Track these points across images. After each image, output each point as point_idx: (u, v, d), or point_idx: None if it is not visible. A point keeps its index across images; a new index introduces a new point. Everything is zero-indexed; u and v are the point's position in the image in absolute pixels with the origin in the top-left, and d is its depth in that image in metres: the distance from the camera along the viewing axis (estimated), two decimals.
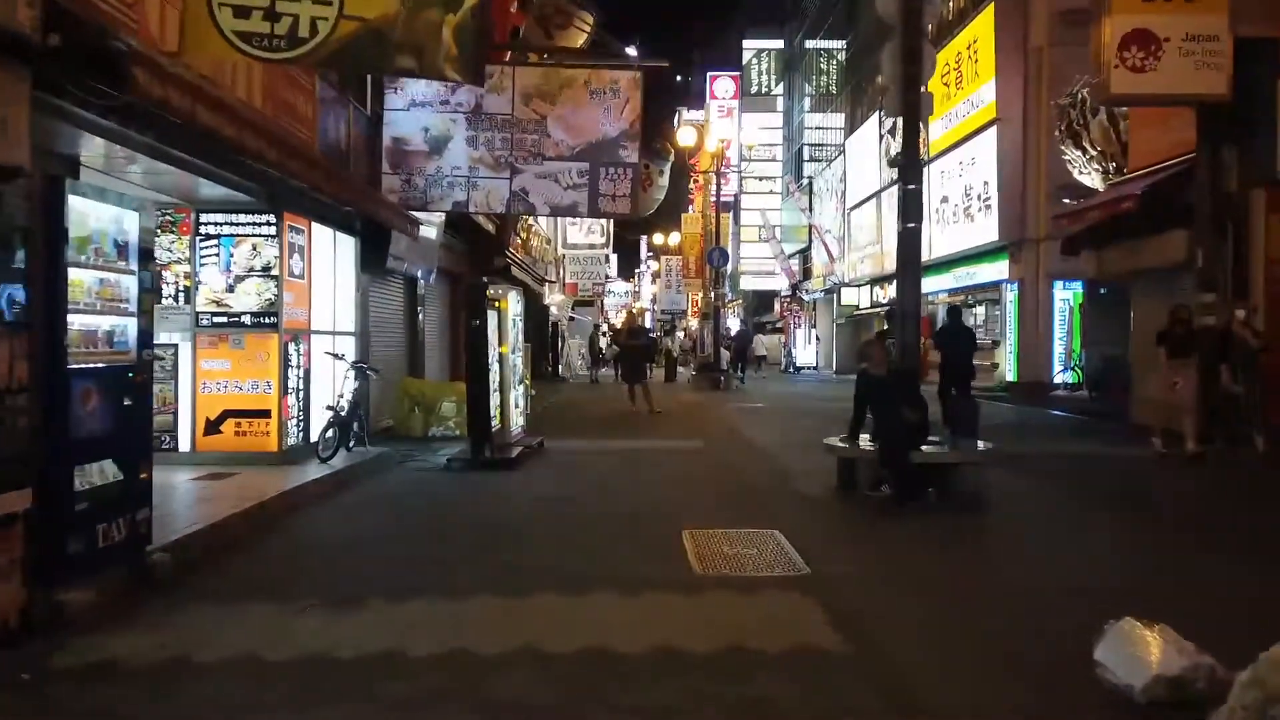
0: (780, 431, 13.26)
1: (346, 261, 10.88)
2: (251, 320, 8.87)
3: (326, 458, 9.04)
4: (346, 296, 10.89)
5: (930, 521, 6.85)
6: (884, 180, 32.10)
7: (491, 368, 9.60)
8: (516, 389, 10.66)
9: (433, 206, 11.08)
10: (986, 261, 24.20)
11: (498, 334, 9.88)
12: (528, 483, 8.58)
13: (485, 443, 9.26)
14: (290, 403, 9.09)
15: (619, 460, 10.07)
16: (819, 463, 9.14)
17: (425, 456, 10.38)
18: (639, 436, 12.31)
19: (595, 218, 11.07)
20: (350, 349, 10.96)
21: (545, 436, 11.84)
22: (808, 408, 18.50)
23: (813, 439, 11.93)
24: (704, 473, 9.45)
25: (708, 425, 14.28)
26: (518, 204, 11.04)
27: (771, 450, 11.00)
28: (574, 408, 18.14)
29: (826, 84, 53.13)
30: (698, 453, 10.84)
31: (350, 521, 6.97)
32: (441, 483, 8.71)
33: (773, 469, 9.60)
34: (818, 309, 42.28)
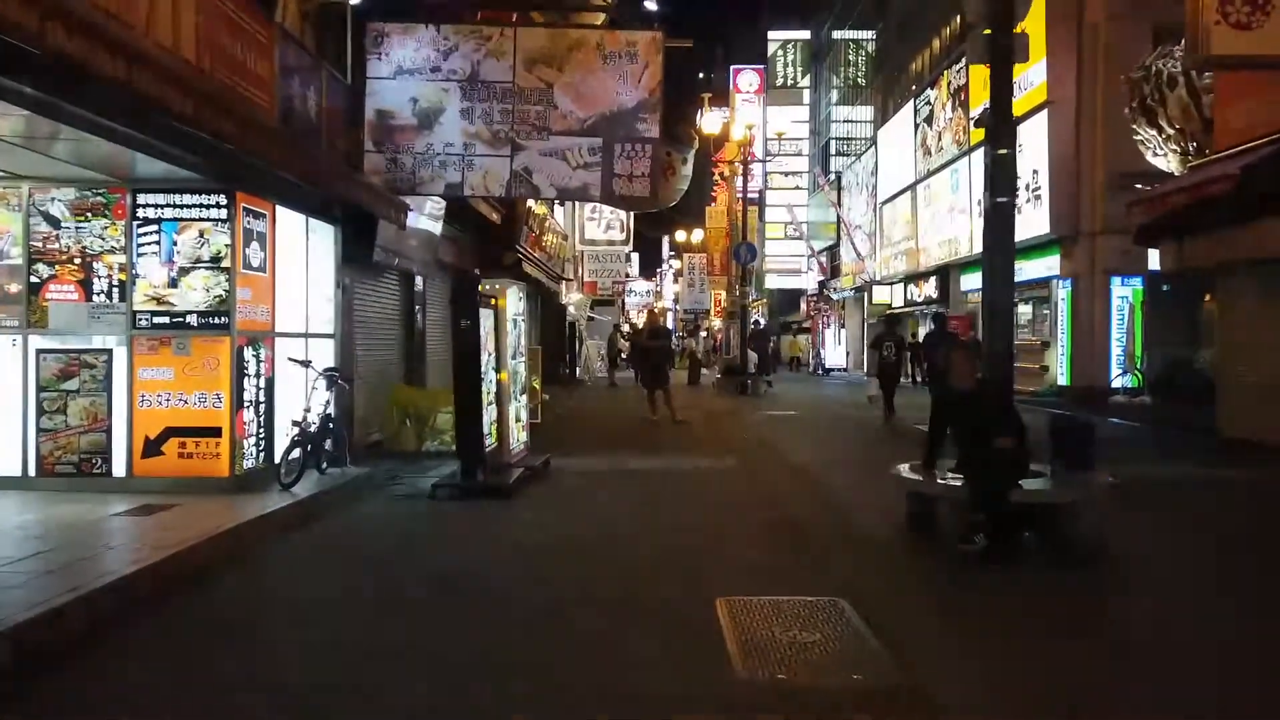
0: (821, 446, 11.71)
1: (323, 253, 9.45)
2: (199, 321, 7.46)
3: (289, 483, 7.61)
4: (323, 293, 9.46)
5: (1049, 585, 5.21)
6: (919, 172, 30.45)
7: (486, 376, 8.13)
8: (518, 400, 9.19)
9: (422, 189, 9.63)
10: (1035, 257, 22.47)
11: (494, 337, 8.41)
12: (523, 520, 7.08)
13: (477, 466, 7.80)
14: (247, 418, 7.67)
15: (635, 486, 8.57)
16: (876, 491, 7.62)
17: (413, 479, 8.92)
18: (660, 453, 10.79)
19: (609, 203, 9.52)
20: (327, 354, 9.52)
21: (554, 451, 10.37)
22: (845, 415, 16.92)
23: (860, 457, 10.47)
24: (738, 504, 7.87)
25: (737, 438, 12.74)
26: (520, 186, 9.56)
27: (815, 472, 9.46)
28: (589, 416, 16.65)
29: (855, 76, 51.40)
30: (729, 475, 9.31)
31: (284, 583, 5.45)
32: (419, 519, 7.23)
33: (821, 498, 8.06)
34: (847, 308, 40.58)
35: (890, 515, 6.73)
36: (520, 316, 9.27)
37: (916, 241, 30.86)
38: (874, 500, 7.40)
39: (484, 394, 8.03)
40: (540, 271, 21.79)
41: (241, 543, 5.98)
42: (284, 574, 5.67)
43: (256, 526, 6.36)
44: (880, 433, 13.27)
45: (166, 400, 7.43)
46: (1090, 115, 20.27)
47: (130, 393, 7.43)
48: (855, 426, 14.65)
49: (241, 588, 5.30)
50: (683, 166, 14.90)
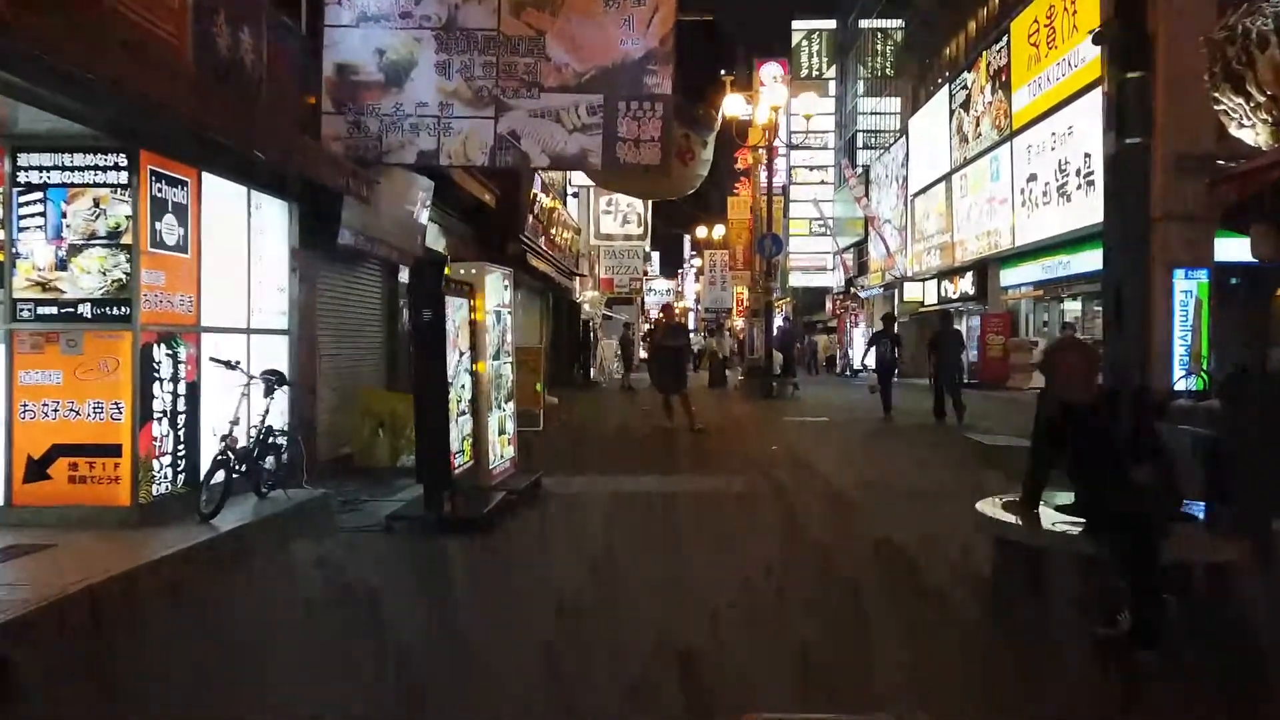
0: (862, 463, 10.08)
1: (273, 234, 7.97)
2: (93, 311, 5.98)
3: (209, 514, 6.12)
4: (273, 282, 7.98)
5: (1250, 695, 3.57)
6: (955, 161, 28.69)
7: (457, 381, 6.60)
8: (502, 408, 7.66)
9: (390, 157, 8.12)
10: (1086, 248, 20.66)
11: (468, 332, 6.88)
12: (492, 569, 5.53)
13: (443, 492, 6.25)
14: (157, 433, 6.18)
15: (641, 517, 6.98)
16: (943, 530, 6.03)
17: (375, 503, 7.42)
18: (674, 470, 9.20)
19: (611, 171, 8.01)
20: (278, 354, 8.03)
21: (551, 467, 8.85)
22: (882, 423, 15.23)
23: (914, 480, 8.63)
24: (766, 548, 6.04)
25: (764, 451, 11.11)
26: (506, 153, 8.02)
27: (861, 499, 7.80)
28: (598, 422, 15.09)
29: (882, 66, 49.69)
30: (755, 503, 7.63)
31: (126, 678, 3.91)
32: (361, 565, 5.68)
33: (872, 540, 6.34)
34: (875, 306, 38.80)
35: (968, 568, 5.15)
36: (505, 308, 7.74)
37: (952, 235, 29.09)
38: (942, 544, 5.79)
39: (454, 402, 6.49)
40: (549, 265, 20.29)
41: (96, 606, 4.46)
42: (128, 660, 4.08)
43: (128, 581, 4.84)
44: (932, 446, 11.61)
45: (54, 411, 5.96)
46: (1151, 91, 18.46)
47: (10, 402, 5.97)
48: (897, 437, 13.00)
49: (58, 685, 3.77)
50: (703, 150, 13.37)
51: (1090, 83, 19.33)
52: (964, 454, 10.64)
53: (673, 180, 13.40)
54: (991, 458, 10.36)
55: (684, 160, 13.21)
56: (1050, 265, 22.73)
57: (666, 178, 13.35)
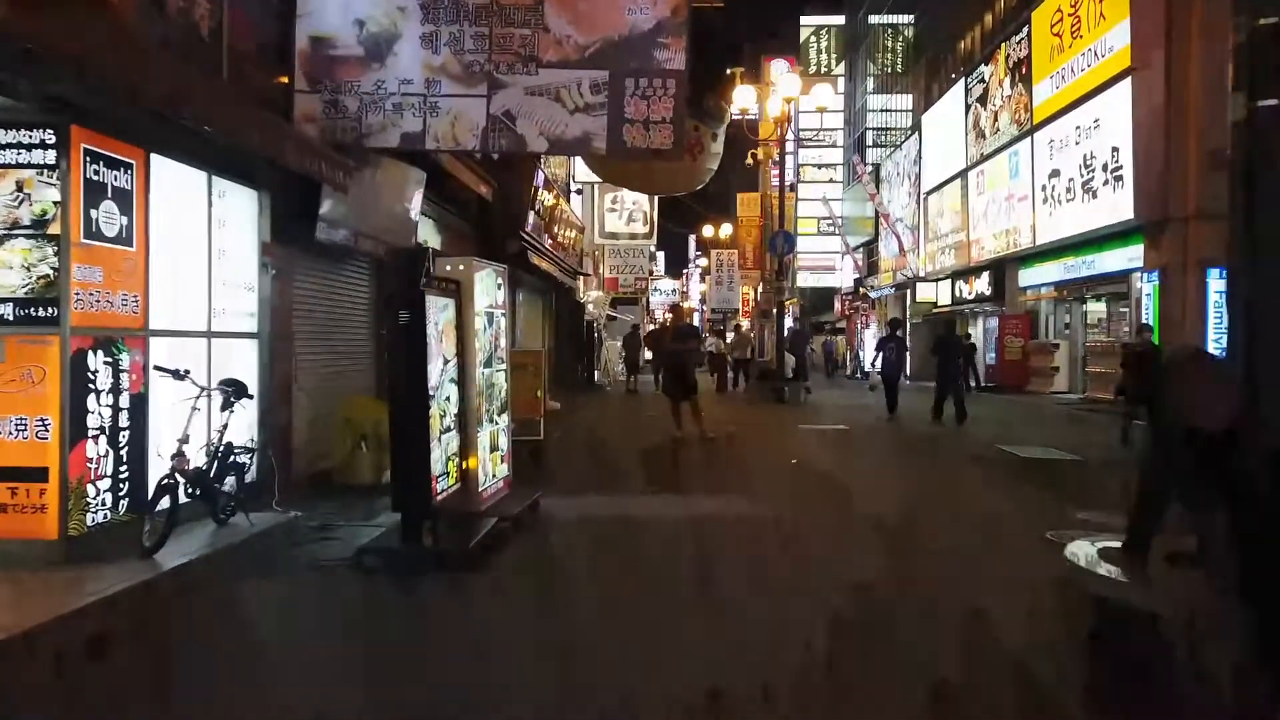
0: (894, 480, 9.19)
1: (240, 227, 7.14)
2: (15, 313, 5.15)
3: (151, 547, 5.29)
4: (240, 280, 7.15)
5: None
6: (971, 157, 27.79)
7: (440, 392, 5.75)
8: (494, 421, 6.80)
9: (371, 140, 7.27)
10: (1112, 247, 19.81)
11: (453, 336, 6.03)
12: (478, 618, 4.67)
13: (422, 521, 5.40)
14: (94, 454, 5.35)
15: (654, 552, 6.03)
16: (1010, 567, 5.16)
17: (350, 529, 6.58)
18: (686, 488, 8.33)
19: (618, 157, 7.13)
20: (247, 361, 7.20)
21: (550, 485, 8.02)
22: (908, 434, 14.36)
23: (958, 504, 7.59)
24: (798, 597, 4.93)
25: (783, 466, 10.21)
26: (499, 136, 7.17)
27: (905, 528, 6.83)
28: (603, 430, 14.23)
29: (892, 62, 48.77)
30: (779, 532, 6.67)
31: None
32: (322, 613, 4.83)
33: (924, 589, 5.23)
34: (886, 306, 37.89)
35: (1060, 633, 4.21)
36: (499, 309, 6.89)
37: (967, 234, 28.19)
38: (1020, 595, 4.89)
39: (436, 417, 5.64)
40: (552, 264, 19.44)
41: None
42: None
43: (28, 642, 3.99)
44: (965, 459, 10.73)
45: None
46: (1181, 82, 17.56)
47: None
48: (924, 449, 12.12)
49: None
50: (713, 143, 12.50)
51: (1119, 73, 18.45)
52: (1001, 469, 9.78)
53: (681, 174, 12.56)
54: (1030, 473, 9.51)
55: (693, 153, 12.32)
56: (1073, 265, 21.83)
57: (674, 170, 12.60)
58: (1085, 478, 9.36)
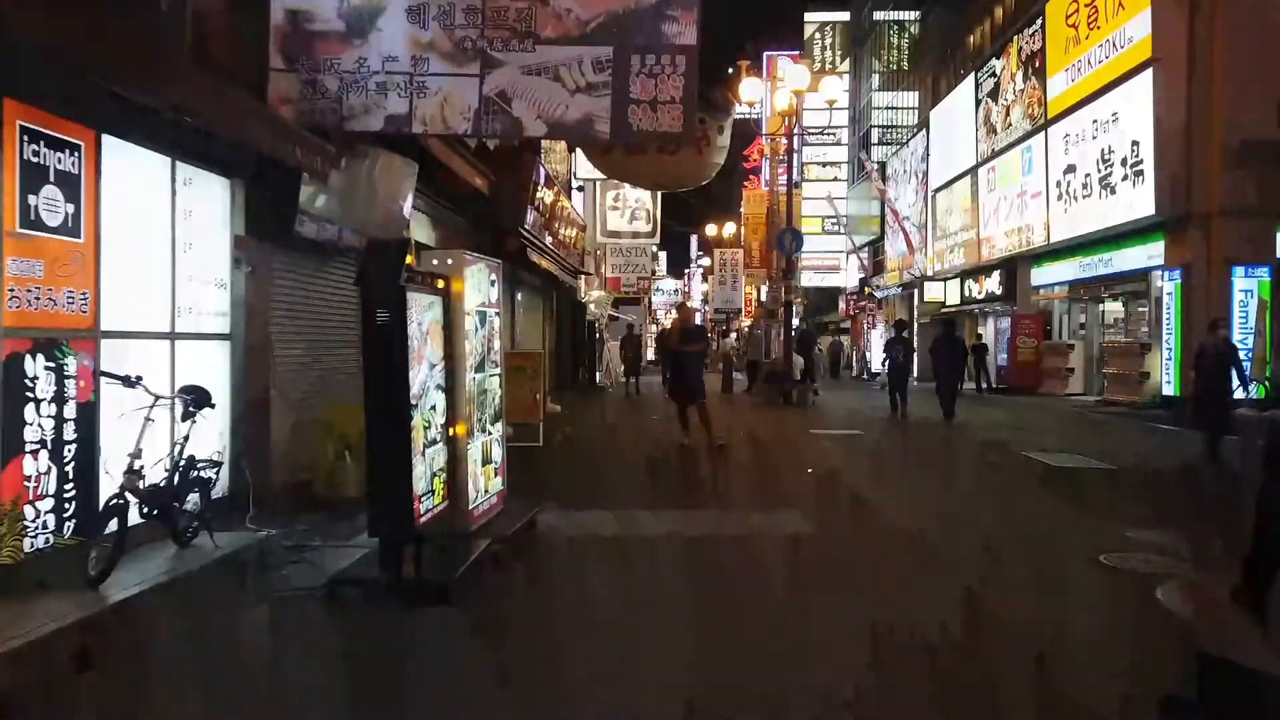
0: (921, 493, 8.56)
1: (208, 217, 6.55)
2: None
3: (96, 576, 4.68)
4: (209, 275, 6.55)
5: None
6: (981, 153, 27.17)
7: (424, 401, 5.14)
8: (487, 431, 6.18)
9: (353, 124, 6.65)
10: (1131, 244, 19.19)
11: (440, 338, 5.41)
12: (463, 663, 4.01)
13: (402, 547, 4.78)
14: (33, 470, 4.74)
15: (667, 579, 5.37)
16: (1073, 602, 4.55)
17: (328, 548, 5.97)
18: (698, 501, 7.69)
19: (623, 141, 6.44)
20: (216, 364, 6.60)
21: (550, 496, 7.41)
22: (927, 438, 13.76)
23: (994, 518, 6.99)
24: (849, 643, 4.23)
25: (799, 475, 9.57)
26: (493, 119, 6.55)
27: (943, 550, 6.11)
28: (605, 434, 13.62)
29: (898, 59, 48.11)
30: (803, 551, 5.96)
31: None
32: (283, 657, 4.20)
33: (981, 616, 4.65)
34: (894, 306, 37.25)
35: (1132, 674, 3.60)
36: (492, 308, 6.27)
37: (977, 232, 27.57)
38: (1093, 638, 4.25)
39: (419, 429, 5.02)
40: (553, 263, 18.83)
41: None
42: None
43: None
44: (992, 468, 10.10)
45: None
46: (1205, 73, 16.97)
47: None
48: (947, 456, 11.50)
49: None
50: (719, 137, 11.89)
51: (1140, 64, 17.83)
52: (1031, 478, 9.17)
53: (687, 168, 11.93)
54: (1063, 483, 8.89)
55: (698, 147, 11.72)
56: (1089, 263, 21.21)
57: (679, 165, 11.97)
58: (1121, 488, 8.75)
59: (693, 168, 11.88)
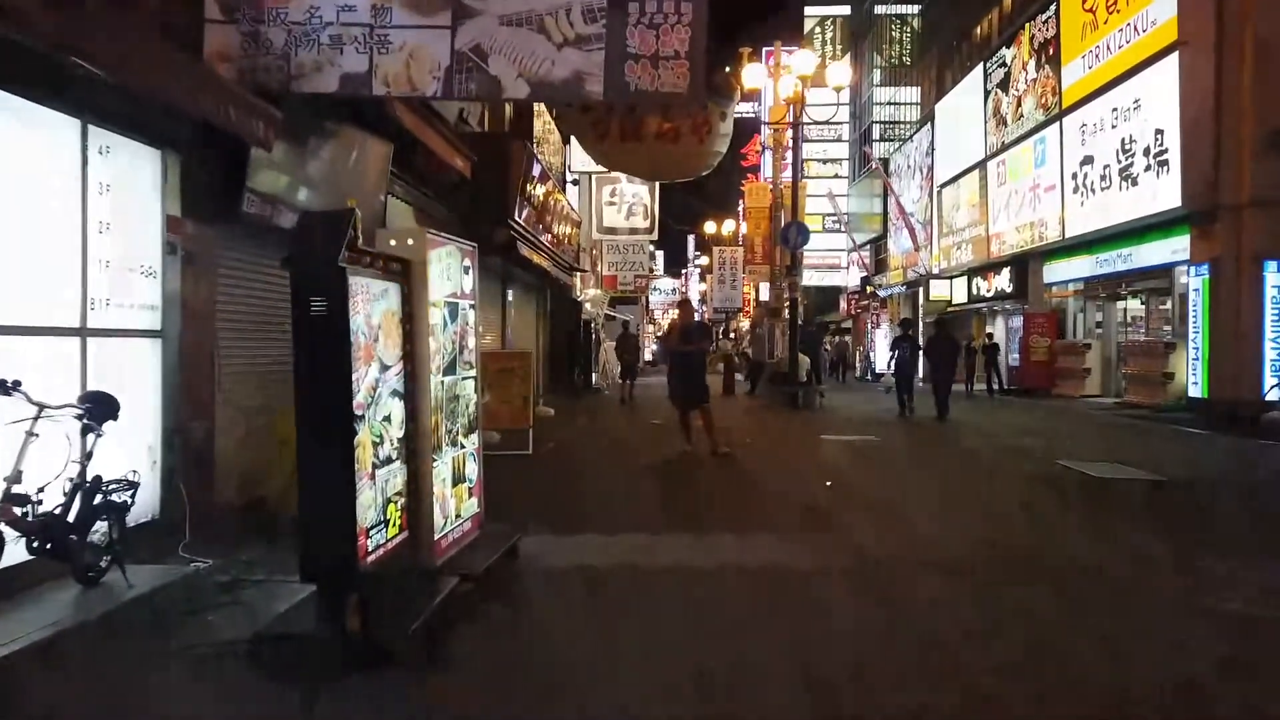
0: (955, 510, 7.59)
1: (133, 192, 5.59)
2: None
3: None
4: (132, 261, 5.59)
5: None
6: (991, 146, 26.28)
7: (374, 410, 4.16)
8: (458, 445, 5.21)
9: (302, 84, 5.68)
10: (1152, 239, 18.28)
11: (398, 336, 4.44)
12: None
13: (345, 595, 3.81)
14: None
15: (676, 626, 4.33)
16: (1174, 663, 3.59)
17: (264, 589, 5.01)
18: (707, 524, 6.64)
19: (619, 100, 5.45)
20: (144, 366, 5.65)
21: (536, 517, 6.49)
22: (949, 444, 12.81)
23: (1043, 542, 6.04)
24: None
25: (817, 488, 8.56)
26: (468, 79, 5.58)
27: (995, 583, 5.11)
28: (601, 441, 12.65)
29: (900, 54, 47.31)
30: (836, 589, 4.97)
31: None
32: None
33: (1071, 680, 3.74)
34: (899, 305, 36.35)
35: None
36: (465, 299, 5.30)
37: (986, 227, 26.69)
38: None
39: (365, 447, 4.06)
40: (546, 258, 17.85)
41: None
42: None
43: None
44: (1025, 480, 9.14)
45: None
46: (1234, 56, 16.03)
47: None
48: (973, 466, 10.53)
49: None
50: (721, 123, 11.00)
51: (1164, 48, 16.94)
52: (1077, 493, 8.22)
53: (687, 157, 11.04)
54: (1114, 499, 7.95)
55: (700, 134, 10.86)
56: (1106, 259, 20.29)
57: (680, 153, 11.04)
58: (1180, 505, 7.79)
59: (694, 156, 10.97)
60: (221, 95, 5.18)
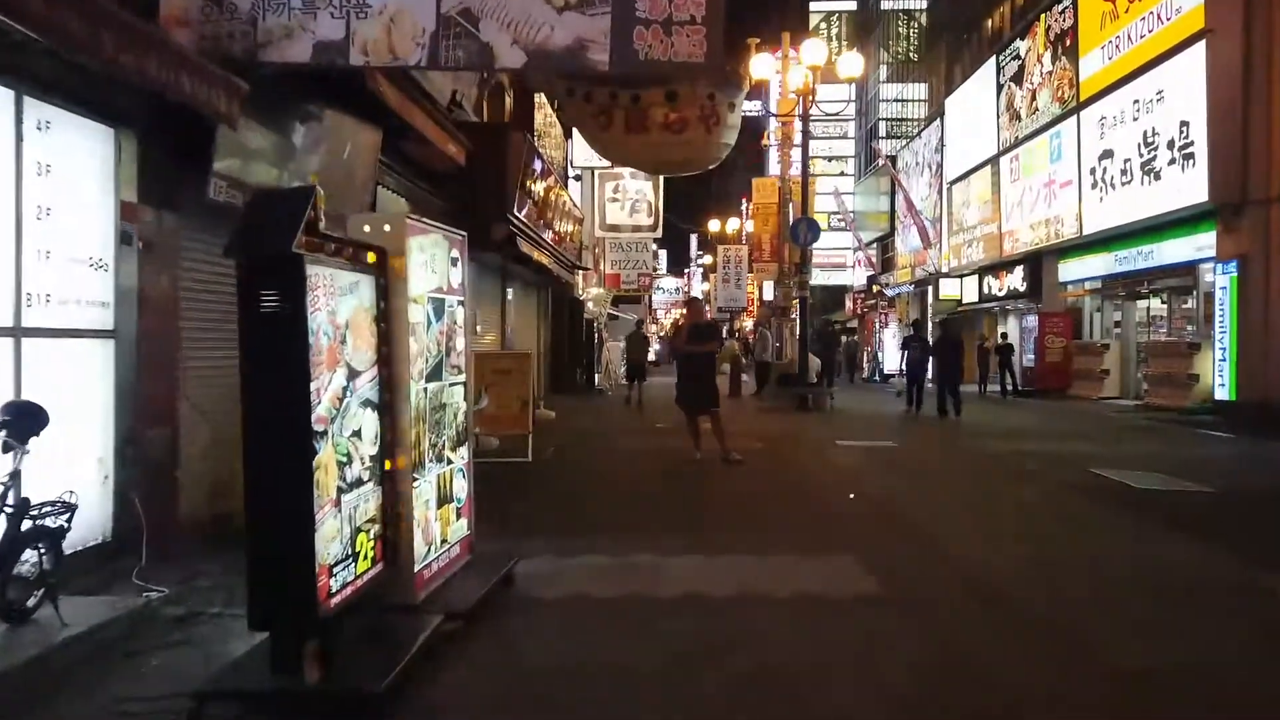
0: (990, 524, 6.96)
1: (80, 175, 4.99)
2: None
3: None
4: (79, 252, 4.98)
5: None
6: (1004, 141, 25.64)
7: (341, 423, 3.53)
8: (444, 461, 4.58)
9: (271, 51, 5.06)
10: (1175, 235, 17.64)
11: (370, 337, 3.81)
12: None
13: (303, 642, 3.19)
14: None
15: (690, 682, 3.68)
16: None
17: (221, 624, 4.39)
18: (722, 543, 5.96)
19: (628, 70, 4.78)
20: (95, 370, 5.04)
21: (535, 533, 5.90)
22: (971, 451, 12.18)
23: (1097, 560, 5.36)
24: None
25: (838, 499, 7.94)
26: (456, 46, 4.97)
27: (1076, 627, 4.34)
28: (603, 447, 12.02)
29: (906, 50, 46.70)
30: (880, 630, 4.24)
31: None
32: None
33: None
34: (907, 304, 35.70)
35: None
36: (453, 294, 4.68)
37: (999, 225, 26.04)
38: None
39: (331, 466, 3.43)
40: (548, 256, 17.22)
41: None
42: None
43: None
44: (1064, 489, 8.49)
45: None
46: (1264, 45, 15.36)
47: None
48: (1002, 473, 9.90)
49: None
50: (729, 115, 10.39)
51: (1190, 36, 16.28)
52: (1120, 506, 7.57)
53: (694, 149, 10.43)
54: (1162, 512, 7.30)
55: (708, 124, 10.26)
56: (1126, 256, 19.64)
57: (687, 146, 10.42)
58: (1243, 522, 7.12)
59: (701, 148, 10.37)
60: (174, 62, 4.56)
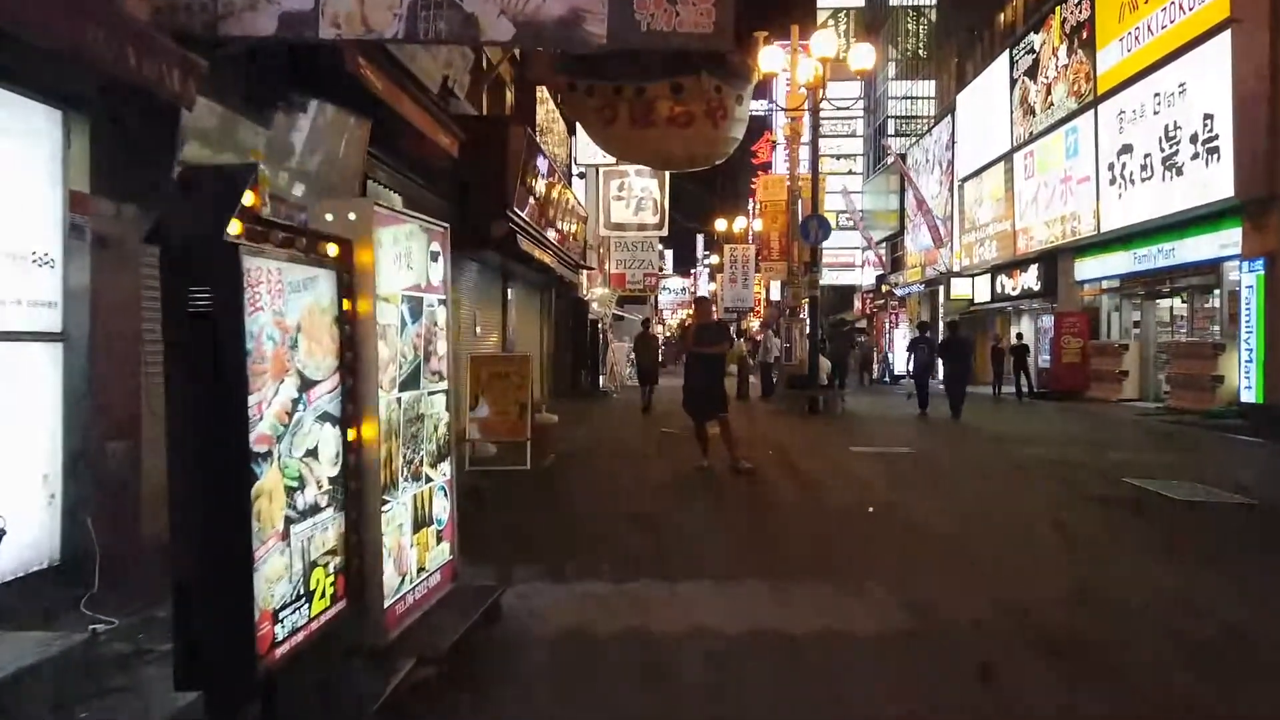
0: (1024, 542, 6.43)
1: (21, 162, 4.51)
2: None
3: None
4: (21, 247, 4.49)
5: None
6: (1018, 137, 25.06)
7: (290, 443, 3.02)
8: (426, 480, 4.08)
9: (233, 24, 4.57)
10: (1198, 232, 17.05)
11: (331, 342, 3.30)
12: None
13: (242, 702, 2.69)
14: None
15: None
16: None
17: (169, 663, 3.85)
18: (732, 567, 5.45)
19: (626, 44, 4.23)
20: (39, 379, 4.56)
21: (527, 556, 5.38)
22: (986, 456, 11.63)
23: (1151, 589, 4.76)
24: None
25: (860, 514, 7.41)
26: (436, 17, 4.47)
27: (1148, 676, 3.95)
28: (606, 454, 11.50)
29: (915, 47, 46.06)
30: (917, 677, 3.71)
31: None
32: None
33: None
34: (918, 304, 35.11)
35: None
36: (432, 293, 4.17)
37: (1012, 223, 25.45)
38: None
39: (278, 492, 2.92)
40: (550, 255, 16.72)
41: None
42: None
43: None
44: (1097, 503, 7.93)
45: None
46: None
47: None
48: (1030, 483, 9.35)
49: None
50: (737, 108, 9.86)
51: (1214, 26, 15.71)
52: (1165, 522, 7.03)
53: (702, 143, 9.92)
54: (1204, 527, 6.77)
55: (715, 118, 9.75)
56: (1145, 254, 19.05)
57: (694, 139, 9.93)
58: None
59: (709, 142, 9.88)
60: (120, 34, 4.07)
